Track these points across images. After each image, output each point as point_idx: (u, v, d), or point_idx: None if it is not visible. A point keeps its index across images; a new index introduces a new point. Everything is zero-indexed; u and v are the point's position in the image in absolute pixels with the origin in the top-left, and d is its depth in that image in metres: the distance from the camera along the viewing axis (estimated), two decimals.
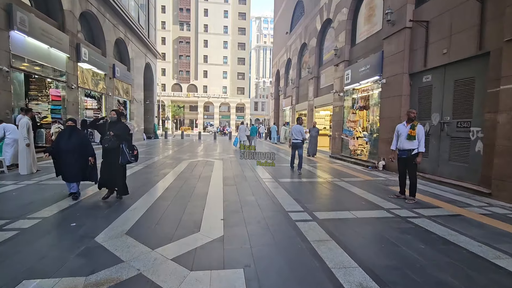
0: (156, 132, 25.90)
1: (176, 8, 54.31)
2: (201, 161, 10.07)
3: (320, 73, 14.66)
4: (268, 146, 18.44)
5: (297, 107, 18.70)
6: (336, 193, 5.63)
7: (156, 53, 25.51)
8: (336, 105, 12.22)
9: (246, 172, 7.89)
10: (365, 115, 10.94)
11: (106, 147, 4.66)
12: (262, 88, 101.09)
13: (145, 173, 7.39)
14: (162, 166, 8.83)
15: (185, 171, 7.75)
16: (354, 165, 9.73)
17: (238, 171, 8.04)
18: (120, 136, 4.64)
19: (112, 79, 15.91)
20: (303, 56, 18.16)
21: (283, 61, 22.79)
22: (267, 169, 8.56)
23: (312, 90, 15.37)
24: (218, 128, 40.75)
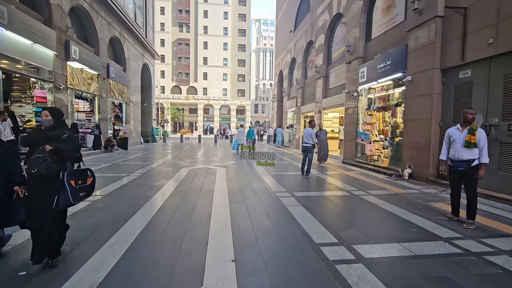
0: (154, 135, 24.88)
1: (175, 10, 53.57)
2: (201, 169, 9.03)
3: (329, 72, 13.67)
4: (272, 150, 17.39)
5: (303, 108, 17.69)
6: (371, 214, 4.58)
7: (154, 54, 24.56)
8: (348, 106, 11.21)
9: (254, 183, 6.84)
10: (382, 117, 9.93)
11: (34, 174, 2.51)
12: (262, 90, 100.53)
13: (137, 185, 6.34)
14: (157, 175, 7.78)
15: (184, 183, 6.70)
16: (374, 172, 8.69)
17: (244, 181, 6.99)
18: (63, 155, 2.65)
19: (106, 80, 14.90)
20: (309, 55, 17.18)
21: (286, 61, 21.82)
22: (276, 178, 7.51)
23: (320, 91, 14.37)
24: (218, 131, 39.71)
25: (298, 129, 18.46)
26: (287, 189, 6.12)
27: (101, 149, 13.85)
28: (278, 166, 10.00)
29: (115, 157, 11.96)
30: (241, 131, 15.23)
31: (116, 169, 8.72)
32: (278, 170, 9.12)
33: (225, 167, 9.42)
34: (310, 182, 7.21)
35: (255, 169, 9.05)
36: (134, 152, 14.50)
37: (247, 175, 8.02)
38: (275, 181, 7.10)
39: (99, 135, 13.80)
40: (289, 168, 9.58)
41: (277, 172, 8.54)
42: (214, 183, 6.69)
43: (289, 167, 9.98)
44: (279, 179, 7.37)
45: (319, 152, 10.84)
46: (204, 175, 7.86)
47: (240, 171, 8.74)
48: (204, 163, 10.39)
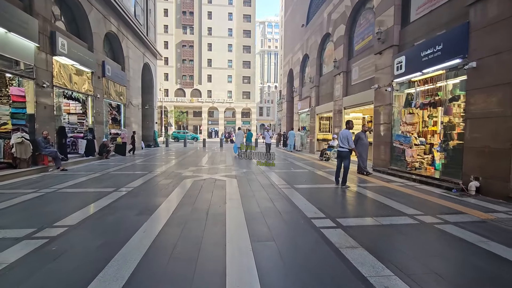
0: (156, 139, 23.43)
1: (179, 12, 52.61)
2: (208, 180, 7.43)
3: (351, 66, 12.03)
4: (285, 155, 15.74)
5: (318, 109, 16.04)
6: (472, 265, 2.90)
7: (156, 54, 23.21)
8: (379, 104, 9.54)
9: (277, 201, 5.21)
10: (421, 116, 8.25)
11: None
12: (267, 93, 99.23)
13: (122, 207, 4.75)
14: (153, 190, 6.20)
15: (185, 202, 5.10)
16: (421, 184, 6.98)
17: (264, 200, 5.35)
18: None
19: (101, 79, 13.45)
20: (325, 50, 15.57)
21: (297, 59, 20.24)
22: (304, 193, 5.85)
23: (340, 88, 12.72)
24: (223, 135, 38.15)
25: (312, 132, 16.79)
26: (326, 213, 4.46)
27: (95, 155, 12.36)
28: (300, 176, 8.36)
29: (109, 165, 10.43)
30: (240, 134, 14.87)
31: (104, 182, 7.17)
32: (301, 181, 7.47)
33: (235, 178, 7.80)
34: (351, 199, 5.54)
35: (273, 180, 7.41)
36: (132, 159, 12.99)
37: (265, 189, 6.39)
38: (304, 198, 5.45)
39: (93, 140, 12.32)
40: (315, 179, 7.93)
41: (302, 185, 6.89)
42: (224, 202, 5.07)
43: (314, 177, 8.33)
44: (309, 195, 5.72)
45: (359, 161, 8.66)
46: (211, 189, 6.25)
47: (255, 183, 7.11)
48: (210, 172, 8.79)
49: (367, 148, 8.68)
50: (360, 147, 8.38)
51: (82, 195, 5.69)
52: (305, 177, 8.27)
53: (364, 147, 8.53)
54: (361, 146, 8.43)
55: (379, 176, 8.47)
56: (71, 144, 11.93)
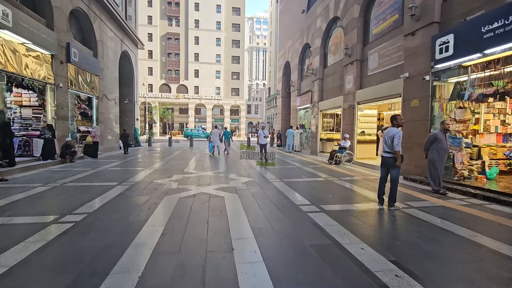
0: (137, 138, 20.95)
1: (164, 2, 49.67)
2: (198, 196, 5.36)
3: (367, 54, 10.21)
4: (285, 157, 13.83)
5: (322, 105, 14.20)
6: None
7: (137, 41, 20.66)
8: (411, 97, 7.75)
9: (315, 244, 3.21)
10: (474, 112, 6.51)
11: None
12: (255, 90, 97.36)
13: (51, 266, 2.64)
14: (117, 218, 4.05)
15: (164, 248, 3.02)
16: (489, 203, 5.20)
17: (292, 240, 3.36)
18: None
19: (66, 65, 11.01)
20: (331, 37, 13.72)
21: (295, 49, 18.33)
22: (348, 222, 3.90)
23: (353, 79, 10.90)
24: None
25: (315, 131, 14.94)
26: (421, 279, 2.52)
27: (55, 158, 9.97)
28: (320, 189, 6.43)
29: (69, 172, 8.13)
30: (215, 132, 14.42)
31: (45, 203, 4.96)
32: (326, 197, 5.53)
33: (236, 192, 5.77)
34: (413, 230, 3.64)
35: (289, 197, 5.44)
36: (104, 162, 10.66)
37: (284, 213, 4.41)
38: (354, 236, 3.49)
39: (52, 139, 9.92)
40: (343, 194, 6.01)
41: (333, 206, 4.95)
42: (230, 249, 3.04)
43: (339, 191, 6.42)
44: (357, 228, 3.77)
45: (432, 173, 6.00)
46: (204, 216, 4.19)
47: (266, 203, 5.10)
48: (201, 183, 6.70)
49: (446, 155, 5.98)
50: (435, 153, 5.81)
51: None
52: (327, 190, 6.34)
53: (442, 153, 5.81)
54: (437, 152, 5.79)
55: (413, 186, 6.67)
56: (23, 145, 9.49)
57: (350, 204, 4.99)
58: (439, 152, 5.77)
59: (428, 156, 5.97)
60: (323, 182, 7.15)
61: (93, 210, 4.41)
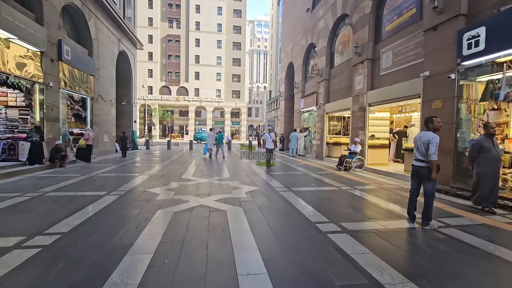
0: (135, 141, 20.24)
1: (165, 4, 49.23)
2: (196, 211, 4.62)
3: (380, 52, 9.51)
4: (290, 162, 13.11)
5: (328, 107, 13.48)
6: None
7: (136, 41, 20.04)
8: (430, 98, 7.04)
9: (335, 272, 2.47)
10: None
11: None
12: (256, 93, 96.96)
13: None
14: (100, 240, 3.30)
15: (150, 284, 2.30)
16: None
17: (308, 262, 2.62)
18: None
19: (57, 63, 10.33)
20: (338, 36, 13.05)
21: (299, 50, 17.67)
22: (380, 246, 3.16)
23: (363, 80, 10.19)
24: None
25: (320, 134, 14.21)
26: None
27: (44, 162, 9.24)
28: (335, 200, 5.68)
29: (56, 179, 7.39)
30: (210, 135, 14.49)
31: (11, 220, 4.20)
32: (343, 211, 4.78)
33: (240, 205, 5.02)
34: (465, 261, 2.89)
35: (301, 211, 4.69)
36: (97, 167, 9.93)
37: (298, 232, 3.66)
38: (384, 262, 2.75)
39: (40, 143, 9.20)
40: (362, 208, 5.26)
41: (354, 224, 4.20)
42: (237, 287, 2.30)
43: (357, 203, 5.68)
44: (381, 250, 3.02)
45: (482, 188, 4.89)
46: (203, 238, 3.44)
47: (276, 219, 4.37)
48: (200, 193, 5.96)
49: (500, 164, 4.93)
50: (486, 164, 4.80)
51: None
52: (343, 202, 5.60)
53: (494, 163, 4.78)
54: (488, 162, 4.78)
55: (440, 198, 5.91)
56: (8, 148, 8.76)
57: (375, 221, 4.23)
58: (490, 162, 4.77)
59: (475, 169, 5.02)
60: (337, 192, 6.40)
61: (70, 229, 3.66)
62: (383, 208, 5.06)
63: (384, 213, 4.71)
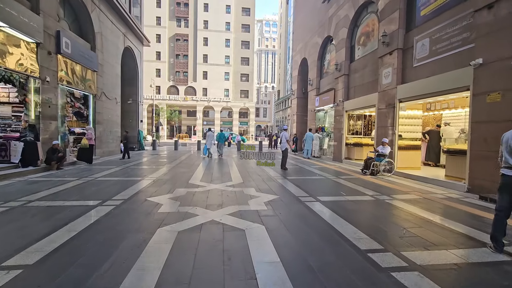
0: (141, 141, 19.47)
1: (173, 3, 48.76)
2: (207, 227, 3.63)
3: (414, 40, 8.35)
4: (306, 165, 12.04)
5: (348, 104, 12.35)
6: None
7: (142, 37, 19.29)
8: (483, 91, 5.88)
9: None
10: None
11: None
12: (264, 93, 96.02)
13: None
14: (73, 280, 2.34)
15: None
16: None
17: None
18: None
19: (55, 56, 9.53)
20: (359, 27, 11.91)
21: (314, 45, 16.55)
22: None
23: (392, 73, 9.04)
24: None
25: (338, 134, 13.08)
26: None
27: (38, 164, 8.42)
28: (375, 215, 4.59)
29: (48, 183, 6.52)
30: (210, 135, 14.42)
31: None
32: (396, 233, 3.69)
33: (261, 220, 3.99)
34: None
35: (338, 230, 3.63)
36: (98, 169, 9.07)
37: (349, 266, 2.61)
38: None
39: (35, 142, 8.38)
40: (419, 228, 4.17)
41: (424, 255, 3.12)
42: None
43: (408, 220, 4.58)
44: None
45: None
46: (217, 279, 2.43)
47: (312, 244, 3.32)
48: (210, 203, 4.95)
49: None
50: None
51: None
52: (389, 218, 4.51)
53: None
54: None
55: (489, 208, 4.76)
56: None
57: (445, 250, 3.14)
58: None
59: None
60: (374, 204, 5.30)
61: (38, 260, 2.71)
62: (443, 227, 3.96)
63: (450, 236, 3.60)
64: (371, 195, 5.93)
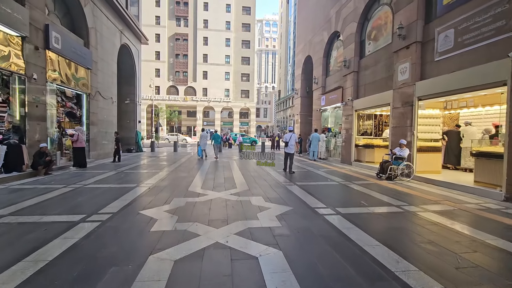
0: (139, 143, 18.73)
1: (172, 2, 48.05)
2: (210, 252, 2.87)
3: (435, 32, 7.60)
4: (315, 168, 11.30)
5: (358, 103, 11.60)
6: None
7: (140, 35, 18.55)
8: None
9: None
10: None
11: None
12: (264, 93, 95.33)
13: None
14: None
15: None
16: None
17: None
18: None
19: (43, 52, 8.79)
20: (370, 21, 11.16)
21: (319, 40, 15.81)
22: None
23: (410, 68, 8.29)
24: (222, 138, 33.44)
25: (347, 135, 12.33)
26: None
27: (24, 170, 7.68)
28: (417, 235, 3.83)
29: (31, 192, 5.79)
30: (203, 135, 14.08)
31: None
32: (451, 261, 2.95)
33: (276, 242, 3.24)
34: None
35: (377, 255, 2.89)
36: (89, 174, 8.33)
37: None
38: None
39: (19, 145, 7.64)
40: (482, 251, 3.42)
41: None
42: None
43: (461, 240, 3.82)
44: None
45: None
46: None
47: (345, 274, 2.56)
48: (213, 217, 4.20)
49: None
50: None
51: None
52: (430, 237, 3.75)
53: None
54: None
55: None
56: None
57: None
58: None
59: None
60: (404, 217, 4.55)
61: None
62: (501, 250, 3.20)
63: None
64: (396, 206, 5.17)
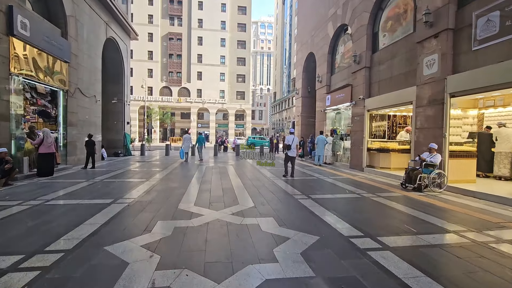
0: (127, 146, 17.25)
1: (166, 0, 46.57)
2: None
3: (472, 16, 6.44)
4: (324, 175, 10.03)
5: (370, 102, 10.40)
6: None
7: (130, 30, 17.13)
8: None
9: None
10: None
11: None
12: (259, 95, 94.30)
13: None
14: None
15: None
16: None
17: None
18: None
19: (7, 38, 7.35)
20: (385, 9, 10.00)
21: (323, 36, 14.64)
22: None
23: (439, 60, 7.11)
24: (216, 140, 32.02)
25: (357, 138, 11.12)
26: None
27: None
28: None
29: None
30: (186, 138, 13.77)
31: None
32: None
33: None
34: None
35: None
36: (57, 186, 6.89)
37: None
38: None
39: None
40: None
41: None
42: None
43: None
44: None
45: None
46: None
47: None
48: (210, 258, 2.87)
49: None
50: None
51: None
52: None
53: None
54: None
55: None
56: None
57: None
58: None
59: None
60: (482, 253, 3.29)
61: None
62: None
63: None
64: (453, 231, 3.92)
